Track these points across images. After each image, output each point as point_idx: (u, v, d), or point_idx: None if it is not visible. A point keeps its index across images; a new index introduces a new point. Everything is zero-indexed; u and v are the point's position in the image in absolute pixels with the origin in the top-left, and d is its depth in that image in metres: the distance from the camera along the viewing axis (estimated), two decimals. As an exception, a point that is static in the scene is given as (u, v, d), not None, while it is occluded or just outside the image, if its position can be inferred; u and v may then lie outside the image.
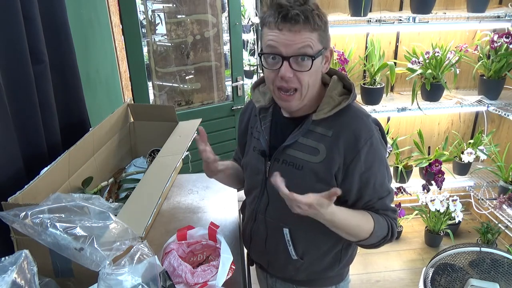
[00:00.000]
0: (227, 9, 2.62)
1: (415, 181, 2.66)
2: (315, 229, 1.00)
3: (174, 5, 2.49)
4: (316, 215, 0.89)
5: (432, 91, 2.43)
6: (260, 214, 1.11)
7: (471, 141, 2.63)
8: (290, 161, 1.01)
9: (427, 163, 2.54)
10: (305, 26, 0.87)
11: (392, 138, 2.63)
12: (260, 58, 0.95)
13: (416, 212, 2.75)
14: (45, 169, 1.04)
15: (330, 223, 0.93)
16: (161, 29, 2.52)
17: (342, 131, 0.96)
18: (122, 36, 2.20)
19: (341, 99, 0.98)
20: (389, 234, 1.02)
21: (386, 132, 2.64)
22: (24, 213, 0.82)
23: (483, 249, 1.72)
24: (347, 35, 2.49)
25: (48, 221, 0.81)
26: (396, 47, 2.60)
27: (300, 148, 0.99)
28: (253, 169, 1.11)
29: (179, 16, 2.54)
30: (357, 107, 1.01)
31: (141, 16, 2.37)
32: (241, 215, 1.30)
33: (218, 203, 1.46)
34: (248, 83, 4.21)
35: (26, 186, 0.93)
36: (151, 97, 2.63)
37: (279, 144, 1.02)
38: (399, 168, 2.58)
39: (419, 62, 2.40)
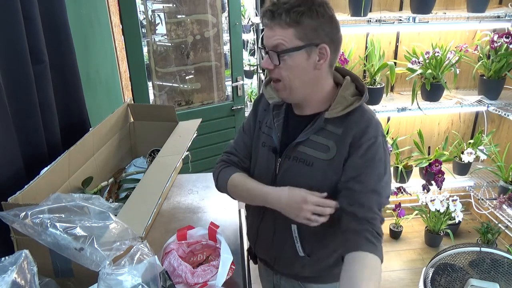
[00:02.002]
0: (227, 9, 2.62)
1: (415, 181, 2.66)
2: (323, 226, 1.00)
3: (174, 5, 2.49)
4: None
5: (432, 91, 2.42)
6: (268, 211, 1.10)
7: (471, 141, 2.63)
8: (300, 157, 1.02)
9: (427, 163, 2.54)
10: (276, 22, 0.92)
11: (392, 138, 2.63)
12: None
13: (416, 212, 2.75)
14: (45, 169, 1.04)
15: None
16: (161, 29, 2.52)
17: (351, 128, 0.97)
18: (122, 36, 2.20)
19: (353, 100, 1.00)
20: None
21: (386, 132, 2.66)
22: (24, 213, 0.82)
23: (483, 249, 1.72)
24: (347, 35, 2.49)
25: (48, 221, 0.81)
26: (396, 47, 2.60)
27: (311, 145, 1.01)
28: (263, 165, 1.11)
29: (179, 16, 2.54)
30: (367, 109, 1.02)
31: (141, 16, 2.37)
32: (247, 211, 1.29)
33: (218, 203, 1.45)
34: (248, 83, 4.22)
35: (26, 186, 0.93)
36: (151, 97, 2.63)
37: (290, 141, 1.04)
38: (399, 168, 2.58)
39: (419, 62, 2.40)
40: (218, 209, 1.42)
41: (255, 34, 2.71)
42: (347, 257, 0.90)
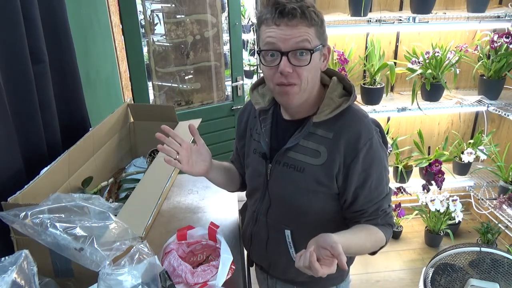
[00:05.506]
0: (227, 9, 2.62)
1: (415, 181, 2.66)
2: (317, 231, 0.99)
3: (174, 5, 2.49)
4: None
5: (432, 91, 2.42)
6: (262, 216, 1.10)
7: (471, 141, 2.63)
8: (291, 163, 1.00)
9: (427, 163, 2.54)
10: (302, 20, 0.87)
11: (392, 138, 2.63)
12: (259, 56, 0.94)
13: (416, 212, 2.75)
14: (45, 169, 1.03)
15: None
16: (161, 29, 2.52)
17: (343, 132, 0.95)
18: (122, 36, 2.20)
19: (341, 101, 0.98)
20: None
21: (386, 132, 2.66)
22: (24, 213, 0.82)
23: (483, 249, 1.72)
24: (347, 35, 2.49)
25: (48, 221, 0.81)
26: (396, 47, 2.60)
27: (301, 151, 0.99)
28: (254, 171, 1.10)
29: (178, 16, 2.54)
30: (357, 108, 1.00)
31: (140, 16, 2.37)
32: (241, 217, 1.30)
33: (218, 203, 1.45)
34: (248, 83, 4.22)
35: (26, 186, 0.93)
36: (151, 97, 2.63)
37: (280, 146, 1.02)
38: (399, 168, 2.58)
39: (419, 62, 2.40)
40: (218, 209, 1.42)
41: (255, 34, 2.71)
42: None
